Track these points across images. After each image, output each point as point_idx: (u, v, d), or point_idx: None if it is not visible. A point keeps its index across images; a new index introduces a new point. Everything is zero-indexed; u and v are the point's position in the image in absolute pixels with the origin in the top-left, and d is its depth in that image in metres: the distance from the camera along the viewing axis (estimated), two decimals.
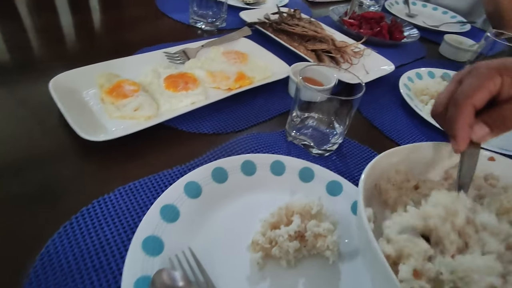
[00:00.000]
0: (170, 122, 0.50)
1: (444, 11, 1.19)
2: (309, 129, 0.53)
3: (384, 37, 0.86)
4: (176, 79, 0.56)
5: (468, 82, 0.33)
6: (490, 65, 0.33)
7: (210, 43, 0.68)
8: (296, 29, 0.75)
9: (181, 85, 0.55)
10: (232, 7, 0.91)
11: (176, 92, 0.54)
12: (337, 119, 0.51)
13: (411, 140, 0.57)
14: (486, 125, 0.33)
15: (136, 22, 0.80)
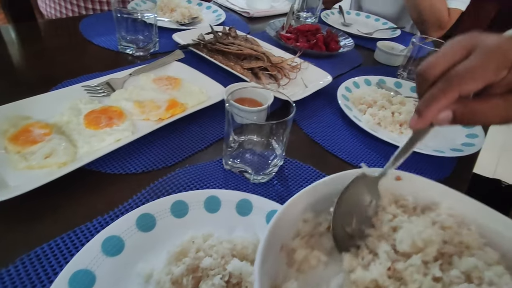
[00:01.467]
0: (91, 166, 0.45)
1: (376, 19, 1.25)
2: (247, 154, 0.50)
3: (320, 49, 0.87)
4: (98, 115, 0.51)
5: (472, 63, 0.28)
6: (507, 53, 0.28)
7: (139, 70, 0.64)
8: (232, 48, 0.73)
9: (104, 121, 0.50)
10: (166, 29, 0.87)
11: (98, 130, 0.49)
12: (275, 139, 0.49)
13: (353, 153, 0.57)
14: (452, 111, 0.29)
15: (58, 53, 0.73)
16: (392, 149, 0.55)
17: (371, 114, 0.64)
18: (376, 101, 0.66)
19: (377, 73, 0.79)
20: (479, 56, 0.28)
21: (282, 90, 0.69)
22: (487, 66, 0.28)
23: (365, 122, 0.62)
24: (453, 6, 1.08)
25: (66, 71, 0.66)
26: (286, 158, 0.52)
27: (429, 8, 1.06)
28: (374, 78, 0.77)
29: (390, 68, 0.91)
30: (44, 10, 1.14)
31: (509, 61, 0.27)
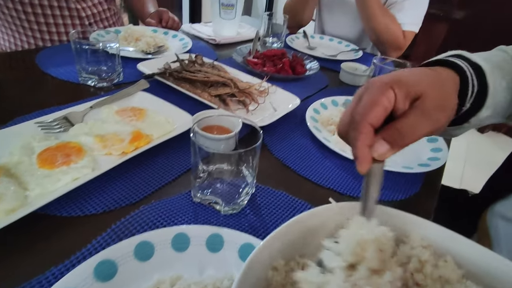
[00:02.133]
0: (44, 209, 0.41)
1: (339, 41, 1.31)
2: (217, 184, 0.48)
3: (287, 73, 0.89)
4: (54, 152, 0.47)
5: (364, 100, 0.33)
6: (383, 80, 0.33)
7: (100, 102, 0.61)
8: (198, 76, 0.73)
9: (61, 159, 0.46)
10: (130, 59, 0.86)
11: (54, 169, 0.45)
12: (245, 166, 0.48)
13: (325, 175, 0.56)
14: (386, 141, 0.32)
15: (11, 88, 0.69)
16: None
17: None
18: None
19: (343, 94, 0.82)
20: (367, 91, 0.33)
21: (251, 115, 0.69)
22: (374, 92, 0.32)
23: (334, 143, 0.62)
24: (407, 29, 1.15)
25: (19, 106, 0.62)
26: (258, 185, 0.51)
27: (386, 31, 1.13)
28: (341, 98, 0.79)
29: (355, 88, 0.94)
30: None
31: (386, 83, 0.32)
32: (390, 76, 0.33)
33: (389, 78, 0.33)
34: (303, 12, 1.32)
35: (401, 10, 1.15)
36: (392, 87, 0.32)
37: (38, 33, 1.01)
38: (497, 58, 0.45)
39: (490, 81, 0.40)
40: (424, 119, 0.32)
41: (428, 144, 0.67)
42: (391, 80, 0.32)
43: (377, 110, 0.31)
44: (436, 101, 0.33)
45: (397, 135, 0.32)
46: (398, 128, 0.32)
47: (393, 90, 0.32)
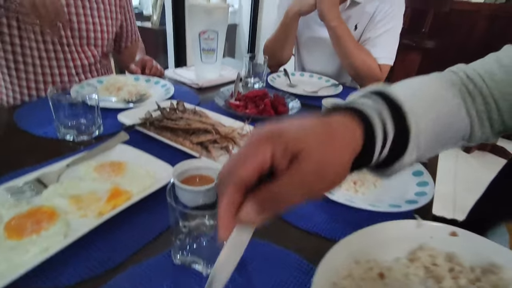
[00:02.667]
0: (12, 286, 0.37)
1: (319, 77, 1.35)
2: (199, 241, 0.46)
3: (269, 113, 0.90)
4: (23, 220, 0.45)
5: (237, 155, 0.29)
6: (262, 132, 0.29)
7: (78, 159, 0.60)
8: (180, 124, 0.72)
9: (30, 228, 0.44)
10: (111, 110, 0.85)
11: (22, 239, 0.42)
12: None
13: (311, 219, 0.55)
14: (256, 204, 0.27)
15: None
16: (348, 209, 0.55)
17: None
18: None
19: None
20: (245, 143, 0.29)
21: None
22: (249, 146, 0.28)
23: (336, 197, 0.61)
24: (382, 62, 1.20)
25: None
26: None
27: (363, 66, 1.18)
28: None
29: None
30: None
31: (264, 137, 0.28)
32: (272, 128, 0.29)
33: (269, 130, 0.29)
34: (282, 52, 1.37)
35: (375, 45, 1.21)
36: (270, 141, 0.27)
37: (24, 81, 1.01)
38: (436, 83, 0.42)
39: (412, 121, 0.35)
40: (299, 184, 0.27)
41: (414, 178, 0.66)
42: (271, 133, 0.28)
43: (248, 167, 0.27)
44: (317, 162, 0.28)
45: (269, 198, 0.27)
46: (271, 190, 0.27)
47: (271, 145, 0.27)
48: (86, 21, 1.05)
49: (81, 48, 1.07)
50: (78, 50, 1.07)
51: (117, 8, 1.16)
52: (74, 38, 1.04)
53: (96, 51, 1.12)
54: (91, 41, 1.09)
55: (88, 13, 1.06)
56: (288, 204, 0.28)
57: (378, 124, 0.33)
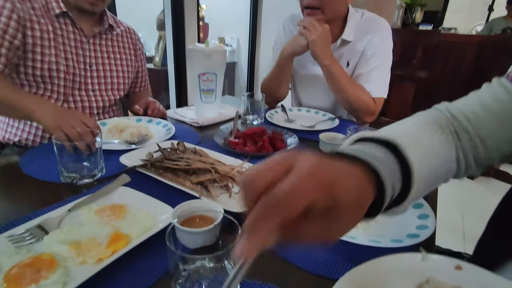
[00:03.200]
0: None
1: (316, 111, 1.39)
2: (200, 285, 0.45)
3: (268, 150, 0.92)
4: (23, 269, 0.45)
5: (289, 188, 0.27)
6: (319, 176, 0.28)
7: (79, 204, 0.60)
8: (180, 164, 0.74)
9: (30, 277, 0.44)
10: (114, 151, 0.87)
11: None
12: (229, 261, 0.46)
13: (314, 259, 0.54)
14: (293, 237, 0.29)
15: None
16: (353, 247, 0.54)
17: None
18: None
19: None
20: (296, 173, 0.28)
21: (234, 199, 0.68)
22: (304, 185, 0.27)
23: None
24: (376, 96, 1.24)
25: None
26: (245, 282, 0.48)
27: (357, 100, 1.22)
28: None
29: None
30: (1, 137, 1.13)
31: (320, 186, 0.28)
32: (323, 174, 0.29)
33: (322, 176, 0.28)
34: (279, 90, 1.42)
35: (368, 81, 1.26)
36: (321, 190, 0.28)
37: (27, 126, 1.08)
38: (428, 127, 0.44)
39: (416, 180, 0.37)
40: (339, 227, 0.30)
41: (414, 210, 0.66)
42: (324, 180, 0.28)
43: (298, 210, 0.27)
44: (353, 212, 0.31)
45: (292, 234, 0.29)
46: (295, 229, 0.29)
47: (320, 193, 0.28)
48: (110, 69, 1.20)
49: (105, 92, 1.20)
50: (102, 94, 1.19)
51: (133, 56, 1.31)
52: (100, 84, 1.18)
53: (116, 95, 1.24)
54: (114, 86, 1.23)
55: (112, 62, 1.21)
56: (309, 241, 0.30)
57: (389, 188, 0.35)
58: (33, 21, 0.99)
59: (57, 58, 1.04)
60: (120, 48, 1.26)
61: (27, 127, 1.09)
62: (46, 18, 1.03)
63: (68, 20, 1.08)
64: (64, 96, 1.09)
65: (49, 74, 1.03)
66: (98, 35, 1.17)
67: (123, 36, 1.27)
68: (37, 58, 1.01)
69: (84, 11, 1.07)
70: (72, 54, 1.09)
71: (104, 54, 1.19)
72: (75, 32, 1.10)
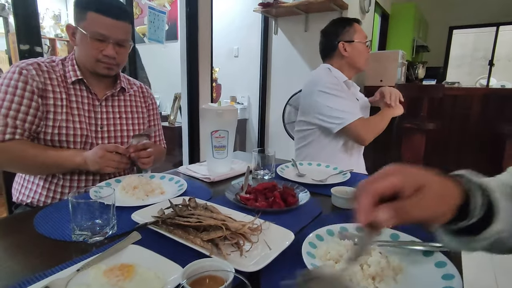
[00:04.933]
0: None
1: (327, 165, 1.39)
2: None
3: (279, 205, 0.91)
4: None
5: (374, 176, 0.45)
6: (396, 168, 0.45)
7: (88, 264, 0.60)
8: (191, 221, 0.74)
9: None
10: (125, 208, 0.88)
11: None
12: None
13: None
14: (391, 209, 0.41)
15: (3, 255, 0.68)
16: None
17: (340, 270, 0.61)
18: (341, 255, 0.64)
19: (338, 219, 0.82)
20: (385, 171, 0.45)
21: (245, 258, 0.66)
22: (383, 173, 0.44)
23: None
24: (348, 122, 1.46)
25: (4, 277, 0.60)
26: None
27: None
28: (336, 226, 0.78)
29: (348, 212, 0.94)
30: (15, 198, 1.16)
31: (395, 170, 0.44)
32: (403, 167, 0.44)
33: (401, 168, 0.44)
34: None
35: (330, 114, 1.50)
36: (403, 174, 0.43)
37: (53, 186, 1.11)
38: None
39: (497, 195, 0.47)
40: (423, 204, 0.42)
41: (437, 270, 0.62)
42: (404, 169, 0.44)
43: (385, 183, 0.42)
44: (436, 193, 0.43)
45: (400, 208, 0.42)
46: (403, 203, 0.42)
47: (403, 177, 0.43)
48: (121, 129, 1.24)
49: None
50: None
51: (145, 114, 1.36)
52: (110, 142, 1.20)
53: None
54: (124, 144, 1.22)
55: (124, 122, 1.25)
56: (415, 216, 0.42)
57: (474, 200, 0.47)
58: (48, 90, 1.06)
59: (67, 123, 1.08)
60: (132, 107, 1.30)
61: (39, 188, 1.12)
62: (62, 87, 1.10)
63: (83, 86, 1.14)
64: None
65: (58, 139, 1.08)
66: (111, 97, 1.22)
67: (135, 96, 1.32)
68: (49, 124, 1.06)
69: (100, 75, 1.14)
70: (84, 117, 1.13)
71: (116, 115, 1.23)
72: (89, 97, 1.16)
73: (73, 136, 1.10)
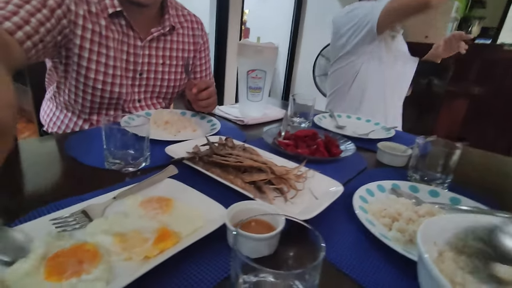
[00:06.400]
0: None
1: (367, 120, 1.28)
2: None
3: (322, 154, 0.83)
4: (65, 258, 0.39)
5: None
6: None
7: (125, 192, 0.55)
8: (230, 160, 0.67)
9: (71, 269, 0.38)
10: (158, 142, 0.83)
11: (61, 282, 0.36)
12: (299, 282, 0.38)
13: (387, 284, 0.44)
14: None
15: (36, 174, 0.65)
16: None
17: (399, 230, 0.54)
18: (400, 213, 0.57)
19: (385, 176, 0.74)
20: None
21: (291, 204, 0.60)
22: None
23: (394, 241, 0.52)
24: None
25: (39, 196, 0.57)
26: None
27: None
28: (387, 183, 0.70)
29: (396, 170, 0.86)
30: (44, 121, 1.12)
31: None
32: None
33: None
34: None
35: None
36: None
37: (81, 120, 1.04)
38: None
39: None
40: None
41: None
42: None
43: None
44: None
45: None
46: None
47: None
48: (162, 78, 1.09)
49: (150, 101, 1.12)
50: (148, 103, 1.11)
51: (191, 53, 1.16)
52: (146, 93, 1.08)
53: (162, 103, 1.16)
54: (161, 95, 1.13)
55: (166, 70, 1.08)
56: None
57: None
58: (80, 19, 0.87)
59: (97, 65, 0.92)
60: (179, 51, 1.10)
61: (66, 119, 1.05)
62: (98, 18, 0.90)
63: (122, 20, 0.94)
64: (107, 105, 1.00)
65: (84, 81, 0.93)
66: (156, 38, 1.02)
67: (183, 35, 1.11)
68: (74, 60, 0.90)
69: (140, 5, 0.92)
70: (121, 60, 0.96)
71: (159, 60, 1.05)
72: (129, 35, 0.96)
73: (101, 82, 0.94)
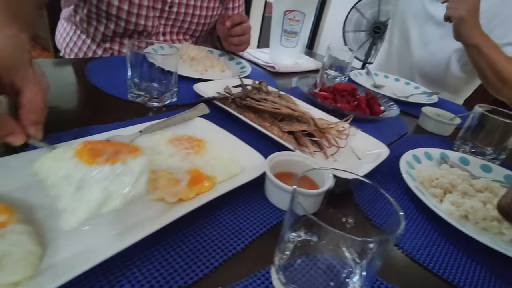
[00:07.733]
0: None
1: (406, 82, 1.17)
2: (307, 265, 0.33)
3: (364, 112, 0.75)
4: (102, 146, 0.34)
5: None
6: None
7: (152, 127, 0.49)
8: (265, 105, 0.60)
9: (107, 155, 0.33)
10: (183, 78, 0.75)
11: (92, 166, 0.32)
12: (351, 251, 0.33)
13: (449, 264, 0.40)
14: None
15: (55, 98, 0.59)
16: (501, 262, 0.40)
17: (452, 203, 0.48)
18: (454, 185, 0.51)
19: (428, 143, 0.70)
20: None
21: (333, 162, 0.54)
22: None
23: (446, 215, 0.46)
24: None
25: (59, 120, 0.51)
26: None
27: None
28: (434, 151, 0.63)
29: (441, 138, 0.78)
30: (60, 46, 1.04)
31: None
32: None
33: None
34: None
35: None
36: None
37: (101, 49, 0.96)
38: None
39: None
40: None
41: None
42: None
43: None
44: None
45: None
46: None
47: None
48: (193, 13, 0.97)
49: (176, 36, 1.02)
50: (173, 38, 1.01)
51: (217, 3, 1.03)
52: (173, 27, 0.98)
53: (188, 39, 1.06)
54: (189, 32, 1.03)
55: (198, 4, 0.96)
56: None
57: None
58: None
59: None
60: None
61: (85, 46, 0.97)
62: None
63: None
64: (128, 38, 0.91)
65: (107, 9, 0.84)
66: None
67: None
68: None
69: None
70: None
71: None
72: None
73: (126, 12, 0.84)
